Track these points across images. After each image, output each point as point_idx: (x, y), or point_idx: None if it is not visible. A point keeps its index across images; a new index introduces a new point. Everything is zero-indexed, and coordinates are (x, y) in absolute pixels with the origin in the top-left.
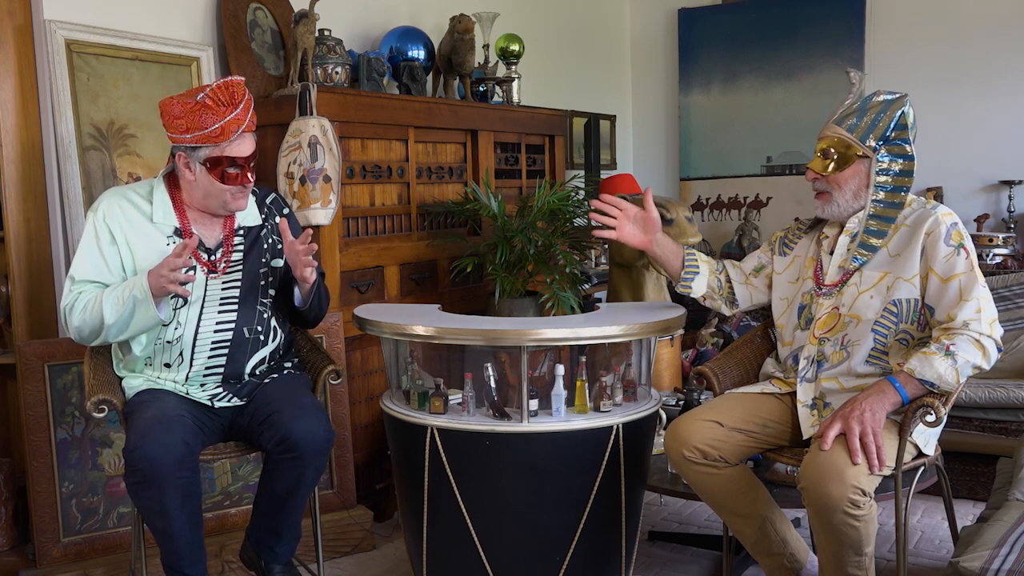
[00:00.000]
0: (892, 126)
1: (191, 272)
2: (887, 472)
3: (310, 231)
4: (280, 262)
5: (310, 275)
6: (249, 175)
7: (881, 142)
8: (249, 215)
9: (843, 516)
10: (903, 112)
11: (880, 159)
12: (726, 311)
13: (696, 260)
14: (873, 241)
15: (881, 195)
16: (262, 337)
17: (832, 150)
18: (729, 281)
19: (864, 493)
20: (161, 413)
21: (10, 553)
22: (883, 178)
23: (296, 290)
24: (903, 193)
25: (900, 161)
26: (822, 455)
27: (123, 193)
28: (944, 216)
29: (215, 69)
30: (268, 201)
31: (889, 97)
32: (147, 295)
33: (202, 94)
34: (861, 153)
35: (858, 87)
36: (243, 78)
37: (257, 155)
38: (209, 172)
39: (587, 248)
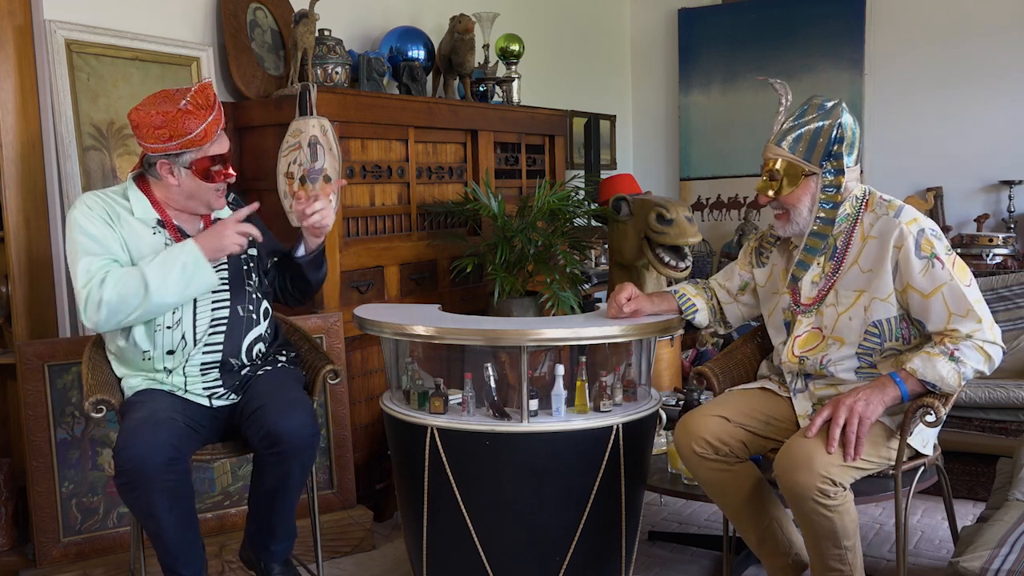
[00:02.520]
0: (832, 140)
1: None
2: (868, 467)
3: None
4: (255, 251)
5: (317, 230)
6: (231, 169)
7: (824, 159)
8: (222, 209)
9: (813, 505)
10: (841, 124)
11: (826, 175)
12: (721, 331)
13: (688, 299)
14: (808, 259)
15: (823, 212)
16: (255, 316)
17: (779, 171)
18: (719, 303)
19: (835, 483)
20: (151, 415)
21: (10, 553)
22: (828, 194)
23: (302, 246)
24: (836, 208)
25: (841, 176)
26: (795, 444)
27: (98, 193)
28: (909, 225)
29: (215, 69)
30: (230, 199)
31: (824, 107)
32: (198, 258)
33: (184, 101)
34: (808, 171)
35: (785, 98)
36: (211, 79)
37: (232, 150)
38: (195, 174)
39: (587, 248)
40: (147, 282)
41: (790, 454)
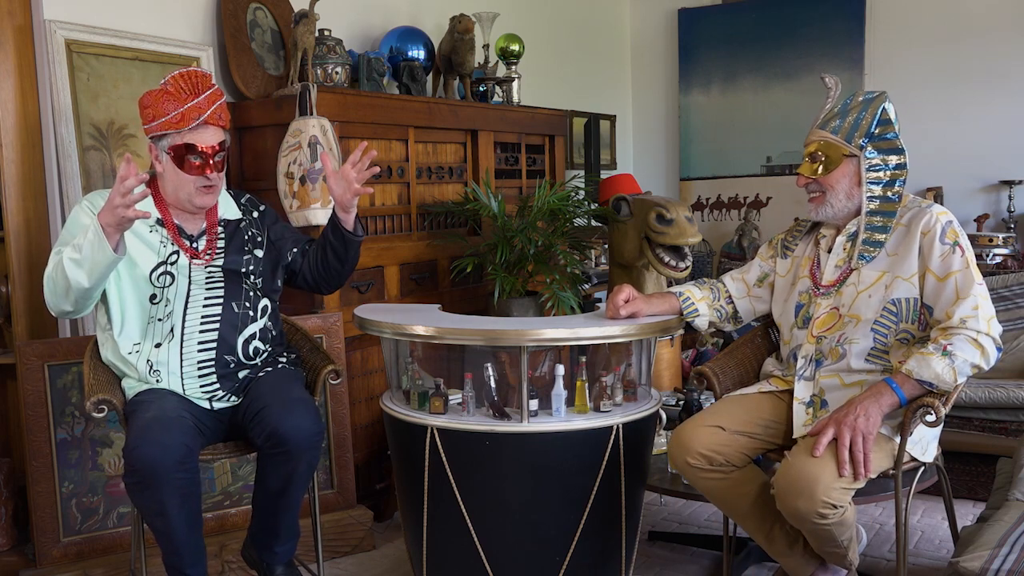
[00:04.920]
0: (875, 123)
1: (142, 191)
2: (870, 478)
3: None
4: (260, 252)
5: (353, 202)
6: (212, 165)
7: (867, 140)
8: (229, 209)
9: (812, 524)
10: (884, 108)
11: (868, 156)
12: (729, 328)
13: (691, 302)
14: (878, 236)
15: (877, 190)
16: (251, 313)
17: (819, 153)
18: (731, 300)
19: (835, 507)
20: (162, 414)
21: (10, 553)
22: (876, 174)
23: (341, 222)
24: (899, 186)
25: (894, 156)
26: (796, 467)
27: (104, 192)
28: (940, 215)
29: (215, 69)
30: (243, 200)
31: (869, 96)
32: (98, 232)
33: (163, 81)
34: (848, 153)
35: (835, 91)
36: (210, 73)
37: (226, 151)
38: (173, 161)
39: (587, 248)
40: (64, 266)
41: (790, 478)
